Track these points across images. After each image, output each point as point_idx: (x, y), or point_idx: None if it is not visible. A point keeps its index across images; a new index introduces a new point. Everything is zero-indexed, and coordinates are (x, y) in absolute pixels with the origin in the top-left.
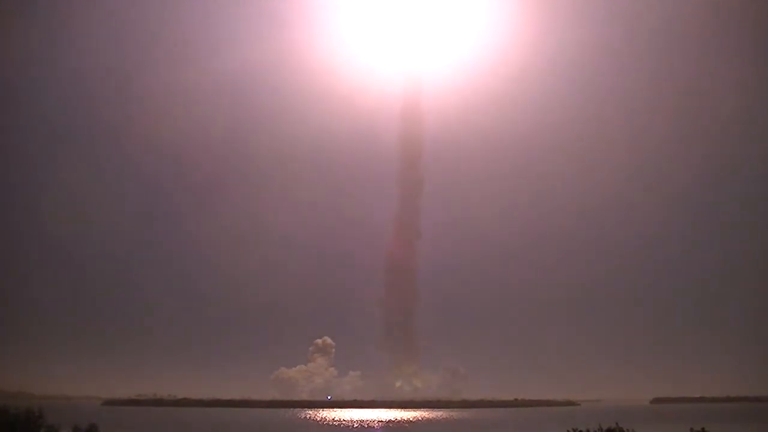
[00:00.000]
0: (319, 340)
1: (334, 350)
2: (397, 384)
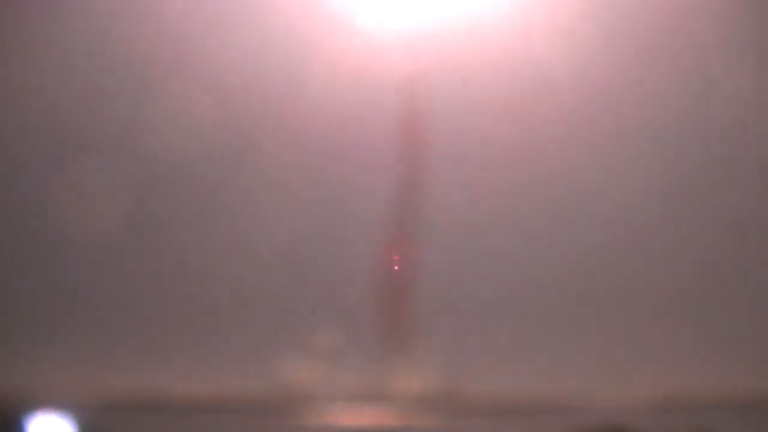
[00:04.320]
0: (313, 336)
1: (329, 348)
2: (395, 382)
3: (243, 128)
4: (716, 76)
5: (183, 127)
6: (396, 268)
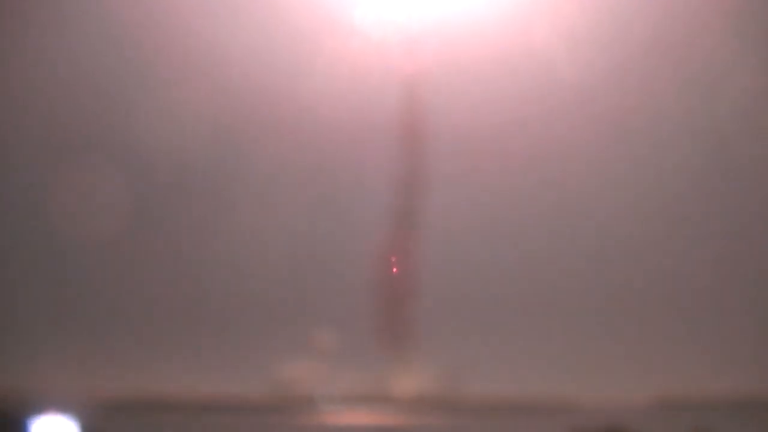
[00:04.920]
0: (314, 337)
1: (329, 349)
2: (395, 382)
3: (243, 129)
4: (720, 77)
5: (183, 128)
6: (396, 269)
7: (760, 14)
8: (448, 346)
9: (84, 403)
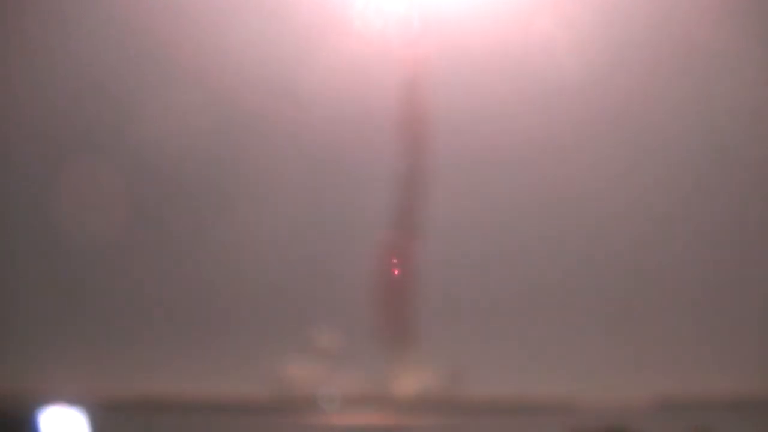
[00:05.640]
0: (313, 336)
1: (329, 348)
2: (395, 382)
3: (240, 126)
4: (725, 75)
5: (181, 126)
6: (396, 267)
7: (762, 13)
8: (448, 346)
9: (84, 403)
